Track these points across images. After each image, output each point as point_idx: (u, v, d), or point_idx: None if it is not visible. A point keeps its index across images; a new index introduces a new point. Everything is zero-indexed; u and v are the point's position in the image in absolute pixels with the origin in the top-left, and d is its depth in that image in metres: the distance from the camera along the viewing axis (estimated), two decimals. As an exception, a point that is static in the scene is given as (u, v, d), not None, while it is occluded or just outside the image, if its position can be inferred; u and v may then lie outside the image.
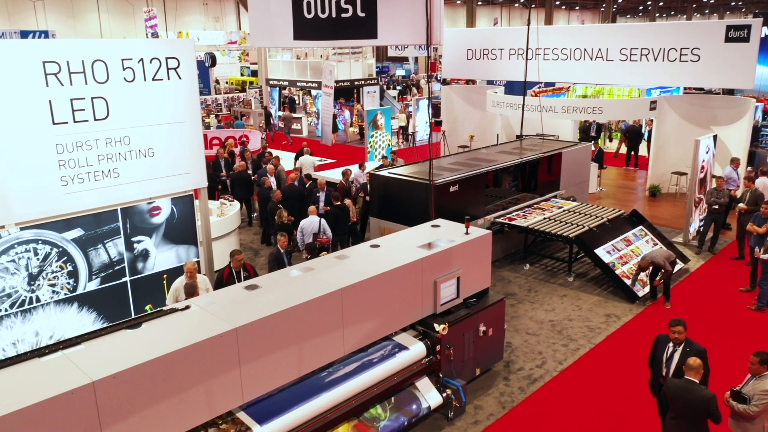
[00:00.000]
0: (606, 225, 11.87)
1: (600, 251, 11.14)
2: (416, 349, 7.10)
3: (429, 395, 7.13)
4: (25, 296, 7.57)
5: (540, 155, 13.51)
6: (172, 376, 5.04)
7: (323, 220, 11.23)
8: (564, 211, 12.68)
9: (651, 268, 10.30)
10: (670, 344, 6.35)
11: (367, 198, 12.86)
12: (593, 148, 16.61)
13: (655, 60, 15.68)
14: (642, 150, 20.92)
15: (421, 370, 7.15)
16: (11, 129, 7.17)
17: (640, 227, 12.46)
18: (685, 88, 18.28)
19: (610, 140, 24.53)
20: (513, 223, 11.94)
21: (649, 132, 19.58)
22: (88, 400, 4.56)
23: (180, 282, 7.91)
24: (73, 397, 4.49)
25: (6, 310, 7.41)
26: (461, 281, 7.65)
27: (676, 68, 15.40)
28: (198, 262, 9.19)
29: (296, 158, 17.67)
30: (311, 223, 11.16)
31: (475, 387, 8.03)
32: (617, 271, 10.89)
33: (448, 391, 7.26)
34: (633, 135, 20.82)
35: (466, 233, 7.97)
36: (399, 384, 6.90)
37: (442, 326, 7.22)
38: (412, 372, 7.04)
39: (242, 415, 5.77)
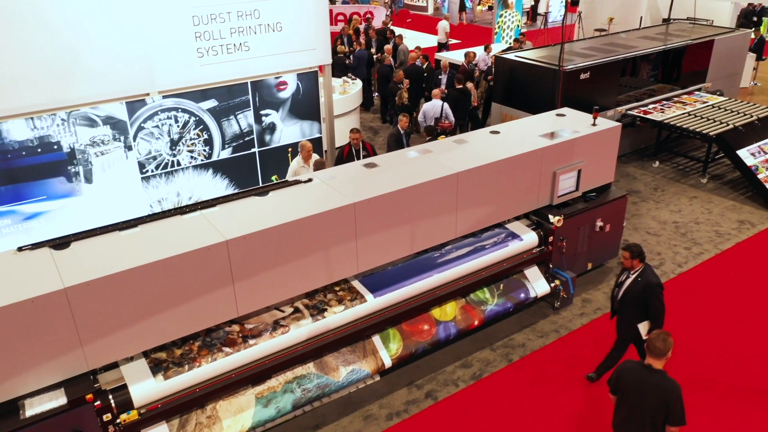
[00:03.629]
0: (754, 124, 10.75)
1: (743, 152, 10.21)
2: (528, 239, 7.10)
3: (537, 284, 7.21)
4: (168, 159, 8.30)
5: (687, 42, 12.20)
6: (295, 241, 5.44)
7: (446, 104, 11.07)
8: (707, 106, 11.59)
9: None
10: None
11: (491, 82, 12.42)
12: (753, 36, 14.68)
13: None
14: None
15: (531, 259, 7.19)
16: (152, 1, 7.52)
17: (796, 129, 11.18)
18: None
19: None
20: (647, 116, 11.12)
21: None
22: (222, 256, 5.07)
23: (297, 162, 8.25)
24: (210, 252, 5.01)
25: (152, 171, 8.21)
26: (582, 174, 7.39)
27: None
28: (320, 139, 9.52)
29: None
30: (433, 107, 11.05)
31: (585, 281, 7.98)
32: (760, 176, 9.99)
33: (557, 282, 7.29)
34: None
35: (593, 124, 7.57)
36: (508, 270, 7.01)
37: (557, 218, 7.11)
38: (522, 260, 7.10)
39: (357, 284, 6.18)
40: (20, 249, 4.96)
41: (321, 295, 6.02)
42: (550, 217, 7.14)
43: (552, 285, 7.27)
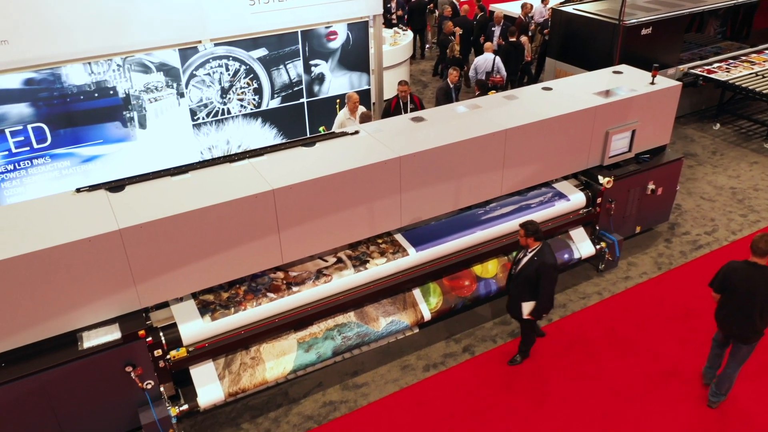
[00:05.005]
0: (828, 87, 10.14)
1: (812, 117, 9.67)
2: (576, 199, 6.98)
3: (582, 245, 7.11)
4: (219, 108, 8.42)
5: (761, -3, 11.47)
6: (340, 193, 5.50)
7: (498, 58, 10.80)
8: (777, 66, 10.95)
9: None
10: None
11: (546, 36, 12.02)
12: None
13: None
14: None
15: (577, 219, 7.08)
16: (206, -55, 7.51)
17: None
18: None
19: None
20: (710, 76, 10.60)
21: None
22: (268, 205, 5.18)
23: (344, 114, 8.24)
24: (257, 201, 5.12)
25: (203, 119, 8.36)
26: (636, 135, 7.16)
27: None
28: (368, 90, 9.46)
29: None
30: (485, 61, 10.80)
31: (633, 244, 7.83)
32: (829, 142, 9.47)
33: (603, 244, 7.17)
34: None
35: (652, 83, 7.27)
36: (553, 230, 6.93)
37: (607, 179, 6.94)
38: (568, 221, 7.00)
39: (399, 238, 6.23)
40: (78, 190, 5.18)
41: (364, 246, 6.10)
42: (600, 178, 6.98)
43: (597, 247, 7.16)
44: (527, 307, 5.67)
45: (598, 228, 7.23)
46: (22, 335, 4.58)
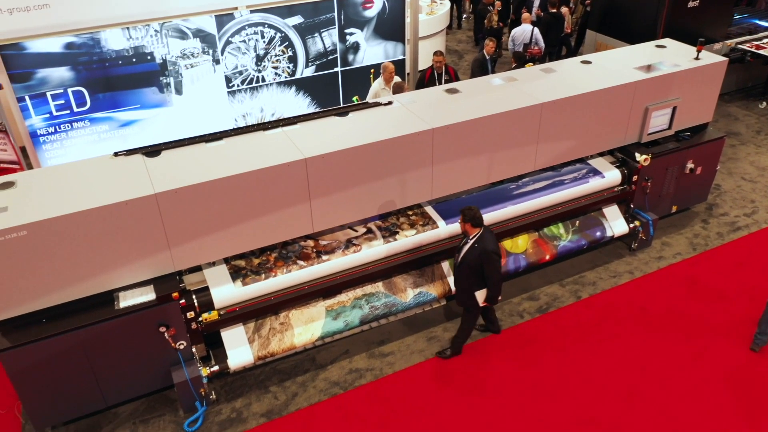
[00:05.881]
0: None
1: None
2: (611, 176, 6.85)
3: (615, 223, 7.01)
4: (254, 75, 8.45)
5: (819, -31, 10.91)
6: (371, 163, 5.50)
7: (536, 30, 10.56)
8: (831, 43, 10.46)
9: None
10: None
11: (588, 7, 11.68)
12: None
13: None
14: None
15: (611, 197, 6.96)
16: None
17: None
18: None
19: None
20: (759, 51, 10.19)
21: None
22: (300, 173, 5.21)
23: (378, 84, 8.18)
24: (289, 169, 5.15)
25: (238, 86, 8.40)
26: (677, 112, 6.96)
27: None
28: (403, 60, 9.37)
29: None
30: (523, 32, 10.57)
31: (668, 224, 7.68)
32: None
33: (637, 223, 7.06)
34: None
35: (696, 58, 7.03)
36: (586, 207, 6.84)
37: (644, 157, 6.79)
38: (602, 198, 6.89)
39: (430, 210, 6.23)
40: (116, 154, 5.29)
41: (394, 218, 6.12)
42: (637, 155, 6.83)
43: (631, 226, 7.05)
44: (481, 296, 5.58)
45: (632, 206, 7.11)
46: (61, 293, 4.75)
